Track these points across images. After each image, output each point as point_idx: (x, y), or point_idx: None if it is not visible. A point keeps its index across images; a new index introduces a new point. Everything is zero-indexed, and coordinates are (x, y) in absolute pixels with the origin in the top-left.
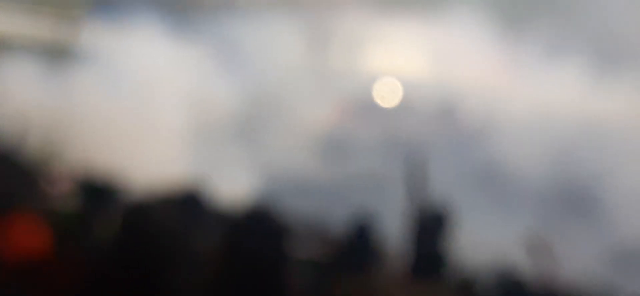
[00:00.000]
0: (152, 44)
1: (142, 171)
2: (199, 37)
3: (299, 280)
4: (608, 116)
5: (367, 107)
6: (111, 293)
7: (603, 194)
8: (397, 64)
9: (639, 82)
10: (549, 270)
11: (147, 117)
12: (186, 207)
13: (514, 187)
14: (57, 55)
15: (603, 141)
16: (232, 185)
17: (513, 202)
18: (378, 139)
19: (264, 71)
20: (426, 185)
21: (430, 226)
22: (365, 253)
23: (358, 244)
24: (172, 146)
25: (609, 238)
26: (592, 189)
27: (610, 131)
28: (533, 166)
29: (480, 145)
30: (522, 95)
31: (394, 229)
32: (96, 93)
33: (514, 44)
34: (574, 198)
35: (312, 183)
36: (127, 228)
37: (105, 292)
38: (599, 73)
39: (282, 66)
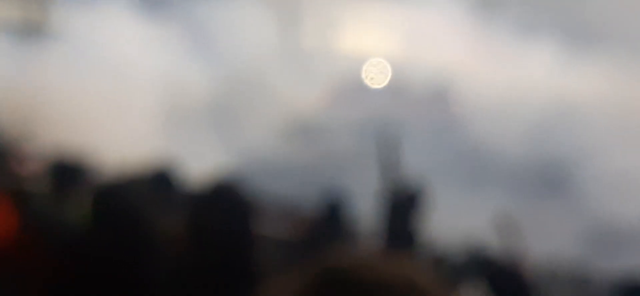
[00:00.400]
0: (123, 24)
1: (113, 151)
2: (170, 16)
3: (268, 258)
4: (583, 96)
5: (342, 88)
6: (82, 271)
7: (579, 174)
8: (370, 45)
9: (614, 62)
10: (516, 249)
11: (118, 97)
12: (157, 187)
13: (489, 166)
14: (26, 34)
15: (579, 121)
16: (204, 165)
17: (488, 181)
18: (352, 120)
19: (235, 51)
20: (399, 165)
21: (403, 206)
22: (337, 232)
23: (329, 223)
24: (143, 126)
25: (584, 218)
26: (568, 169)
27: (586, 110)
28: (509, 145)
29: (455, 124)
30: (497, 74)
31: (366, 209)
32: (66, 73)
33: (488, 23)
34: (549, 177)
35: (284, 163)
36: (97, 208)
37: (77, 271)
38: (574, 52)
39: (253, 46)
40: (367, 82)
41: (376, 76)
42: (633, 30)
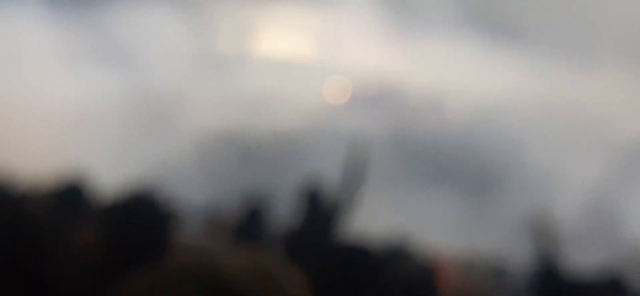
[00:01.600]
0: (33, 33)
1: (23, 164)
2: (82, 24)
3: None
4: (508, 93)
5: (259, 95)
6: None
7: (503, 169)
8: (288, 49)
9: (538, 58)
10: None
11: (28, 110)
12: (69, 199)
13: (416, 163)
14: None
15: (504, 117)
16: (118, 176)
17: (414, 178)
18: (272, 126)
19: (149, 58)
20: (320, 170)
21: (325, 208)
22: (256, 236)
23: (248, 228)
24: (54, 138)
25: (510, 212)
26: (493, 165)
27: (511, 107)
28: (435, 141)
29: (382, 124)
30: (420, 73)
31: (286, 213)
32: None
33: (408, 23)
34: (474, 173)
35: (202, 171)
36: (4, 224)
37: None
38: (498, 49)
39: (168, 54)
40: (328, 98)
41: (337, 92)
42: (559, 25)
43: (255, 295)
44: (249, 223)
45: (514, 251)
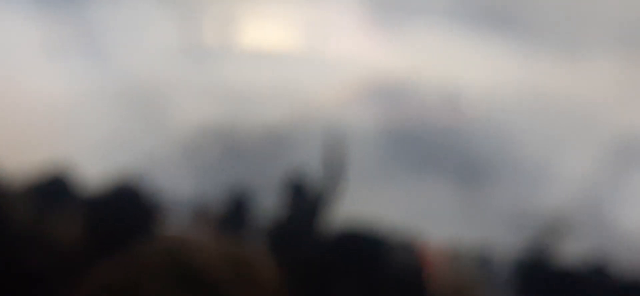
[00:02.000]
0: (17, 26)
1: (4, 158)
2: (66, 16)
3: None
4: (498, 84)
5: (245, 88)
6: None
7: (497, 161)
8: (273, 42)
9: (528, 50)
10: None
11: (11, 102)
12: (52, 192)
13: (407, 154)
14: None
15: (498, 109)
16: (102, 169)
17: (406, 170)
18: (258, 119)
19: (133, 51)
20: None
21: (310, 201)
22: (241, 229)
23: (234, 220)
24: (38, 131)
25: (505, 203)
26: (484, 155)
27: (504, 98)
28: (425, 132)
29: (366, 116)
30: (408, 65)
31: (271, 205)
32: None
33: (396, 15)
34: (470, 164)
35: (187, 165)
36: None
37: None
38: (486, 40)
39: (153, 46)
40: (314, 91)
41: (324, 85)
42: (550, 17)
43: (228, 283)
44: (235, 216)
45: (503, 241)
